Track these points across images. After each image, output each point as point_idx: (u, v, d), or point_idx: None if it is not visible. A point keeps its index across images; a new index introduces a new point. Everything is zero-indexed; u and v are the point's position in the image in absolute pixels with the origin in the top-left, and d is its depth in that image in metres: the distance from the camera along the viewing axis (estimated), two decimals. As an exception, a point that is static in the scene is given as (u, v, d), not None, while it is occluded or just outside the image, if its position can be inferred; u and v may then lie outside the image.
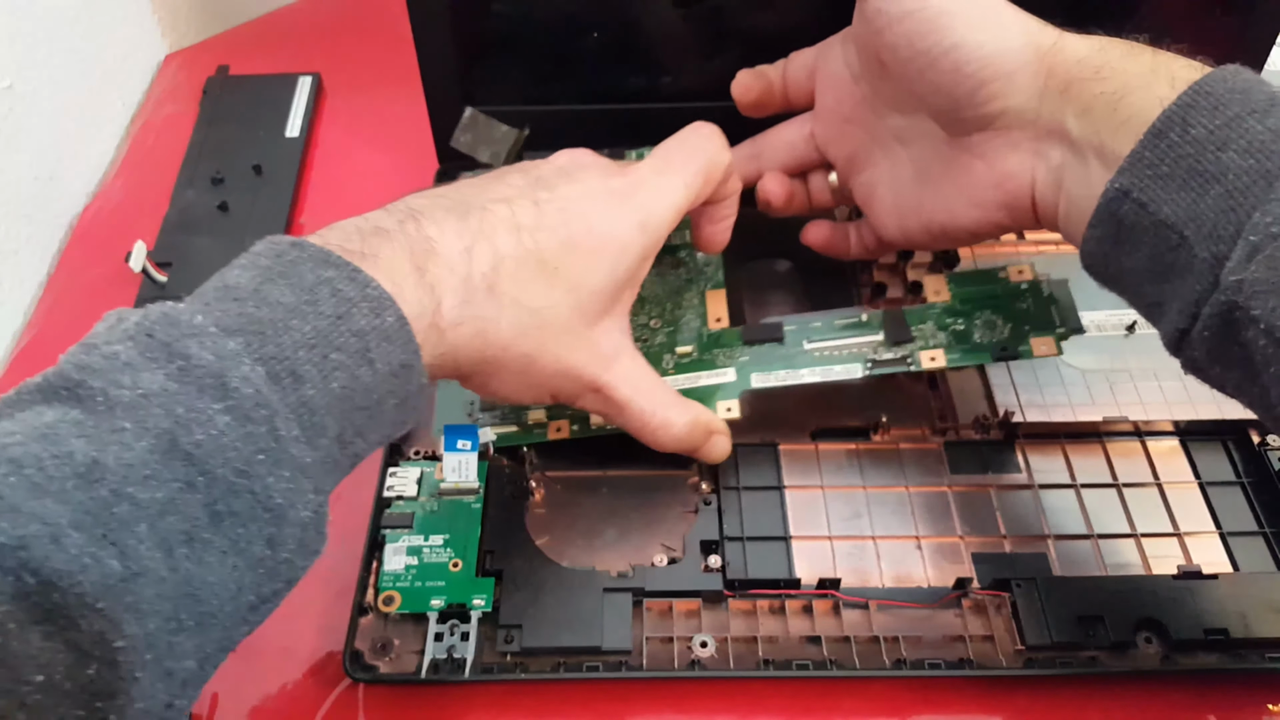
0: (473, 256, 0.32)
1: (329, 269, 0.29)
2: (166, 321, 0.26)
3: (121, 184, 0.59)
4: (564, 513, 0.41)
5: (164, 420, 0.25)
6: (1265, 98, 0.29)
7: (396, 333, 0.29)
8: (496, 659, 0.37)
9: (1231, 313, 0.28)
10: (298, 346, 0.27)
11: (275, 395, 0.26)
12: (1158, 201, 0.29)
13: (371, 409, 0.29)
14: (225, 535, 0.25)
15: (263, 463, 0.26)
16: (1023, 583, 0.38)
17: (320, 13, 0.70)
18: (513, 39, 0.50)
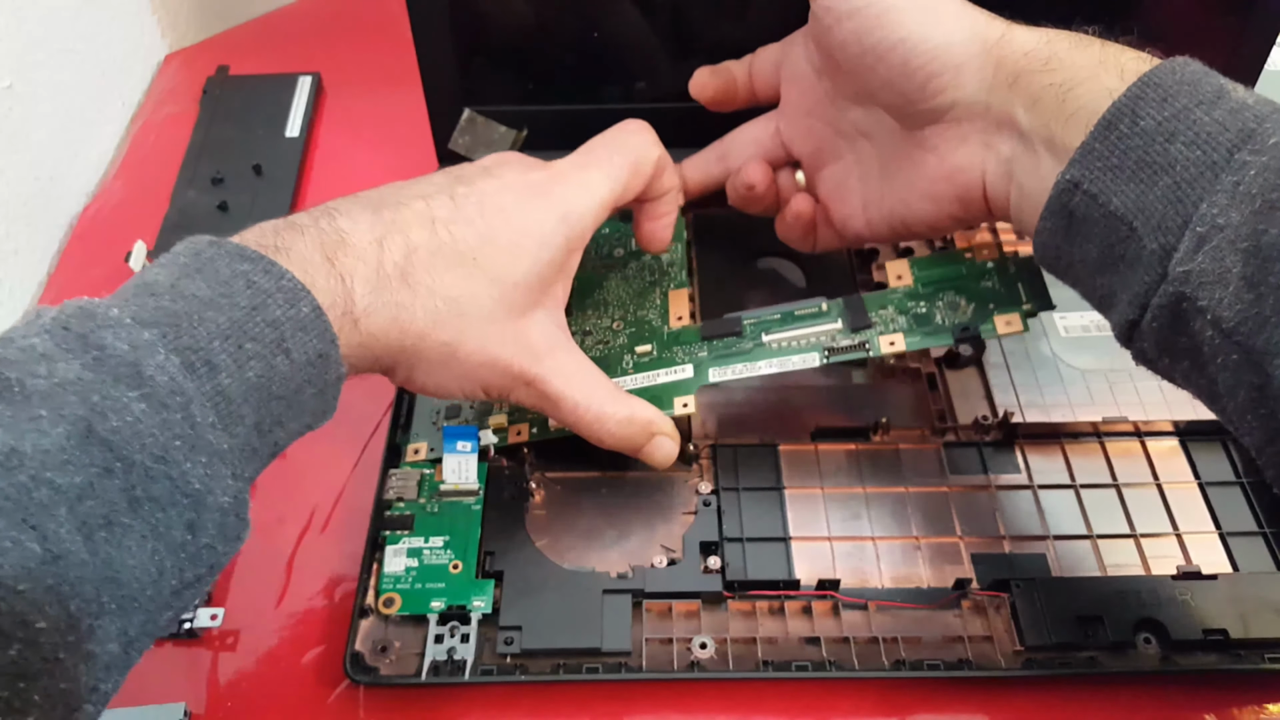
0: (384, 247, 0.33)
1: (244, 263, 0.29)
2: (82, 314, 0.27)
3: (121, 184, 0.59)
4: (564, 514, 0.41)
5: (80, 408, 0.25)
6: (1212, 89, 0.29)
7: (312, 322, 0.30)
8: (496, 660, 0.37)
9: (1179, 304, 0.28)
10: (212, 337, 0.28)
11: (190, 384, 0.27)
12: (1107, 193, 0.30)
13: (289, 398, 0.30)
14: (145, 520, 0.26)
15: (179, 449, 0.26)
16: (1022, 583, 0.38)
17: (320, 13, 0.70)
18: (512, 39, 0.50)
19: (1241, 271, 0.27)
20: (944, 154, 0.36)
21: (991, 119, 0.34)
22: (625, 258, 0.47)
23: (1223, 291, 0.27)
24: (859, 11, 0.35)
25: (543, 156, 0.52)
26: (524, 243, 0.35)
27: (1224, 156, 0.28)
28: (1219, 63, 0.30)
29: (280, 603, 0.41)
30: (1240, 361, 0.27)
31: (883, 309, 0.41)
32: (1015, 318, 0.39)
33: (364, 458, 0.45)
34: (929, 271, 0.42)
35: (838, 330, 0.40)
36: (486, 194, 0.35)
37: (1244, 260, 0.27)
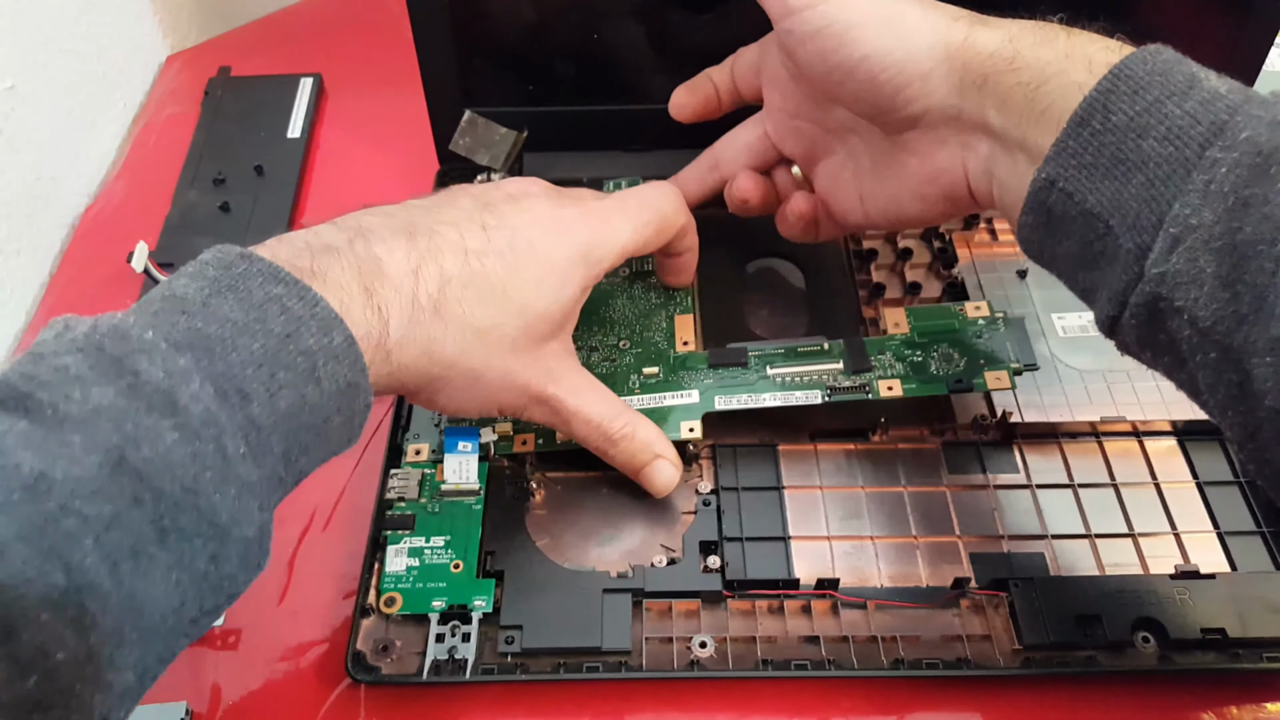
0: (419, 278, 0.33)
1: (278, 285, 0.29)
2: (116, 335, 0.26)
3: (123, 184, 0.59)
4: (564, 513, 0.42)
5: (113, 436, 0.25)
6: (1184, 79, 0.29)
7: (344, 352, 0.30)
8: (497, 659, 0.37)
9: (1156, 303, 0.28)
10: (245, 365, 0.27)
11: (223, 413, 0.27)
12: (1083, 191, 0.30)
13: (318, 427, 0.30)
14: (170, 551, 0.26)
15: (209, 480, 0.26)
16: (1020, 582, 0.38)
17: (321, 14, 0.70)
18: (513, 41, 0.50)
19: (1216, 271, 0.27)
20: (925, 157, 0.36)
21: (965, 121, 0.34)
22: (631, 278, 0.48)
23: (1198, 291, 0.27)
24: (819, 33, 0.35)
25: (543, 157, 0.52)
26: (549, 278, 0.36)
27: (1196, 152, 0.27)
28: (1218, 63, 0.30)
29: (282, 602, 0.41)
30: (1219, 360, 0.27)
31: (881, 354, 0.43)
32: (1004, 375, 0.41)
33: (365, 457, 0.45)
34: (925, 323, 0.44)
35: (839, 370, 0.42)
36: (517, 228, 0.36)
37: (1218, 260, 0.27)
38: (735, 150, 0.44)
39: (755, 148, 0.44)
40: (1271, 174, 0.26)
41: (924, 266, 0.50)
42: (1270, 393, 0.26)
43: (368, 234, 0.33)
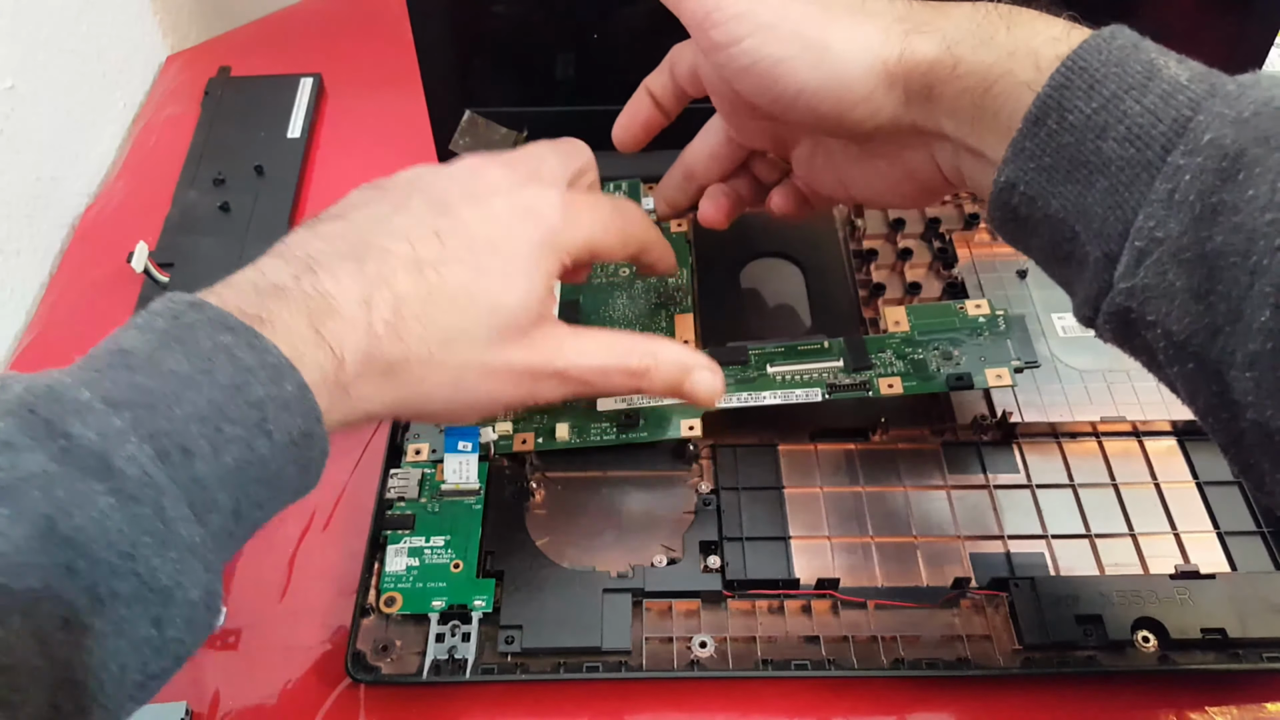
0: (372, 306, 0.31)
1: (226, 334, 0.28)
2: (50, 396, 0.25)
3: (123, 185, 0.59)
4: (564, 513, 0.42)
5: (42, 504, 0.24)
6: (1142, 69, 0.27)
7: (296, 401, 0.28)
8: (497, 659, 0.37)
9: (1128, 314, 0.27)
10: (189, 420, 0.26)
11: (163, 474, 0.25)
12: (1045, 195, 0.28)
13: (270, 480, 0.28)
14: (107, 618, 0.24)
15: (149, 545, 0.25)
16: (1020, 582, 0.38)
17: (321, 14, 0.70)
18: (512, 40, 0.50)
19: (1186, 284, 0.26)
20: (892, 159, 0.35)
21: (920, 130, 0.33)
22: (631, 277, 0.48)
23: (1169, 305, 0.26)
24: (749, 70, 0.34)
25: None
26: (516, 273, 0.34)
27: (1158, 155, 0.26)
28: (1218, 63, 0.29)
29: (282, 602, 0.41)
30: (1196, 370, 0.27)
31: (881, 352, 0.42)
32: (1004, 372, 0.41)
33: (365, 457, 0.45)
34: (925, 320, 0.43)
35: (839, 368, 0.42)
36: (473, 226, 0.34)
37: (1188, 272, 0.26)
38: (703, 159, 0.42)
39: (722, 152, 0.42)
40: (1239, 179, 0.25)
41: (924, 266, 0.50)
42: (1252, 405, 0.25)
43: (315, 265, 0.31)
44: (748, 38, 0.33)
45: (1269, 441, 0.25)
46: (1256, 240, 0.24)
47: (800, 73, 0.33)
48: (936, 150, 0.34)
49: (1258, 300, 0.24)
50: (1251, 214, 0.24)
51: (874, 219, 0.52)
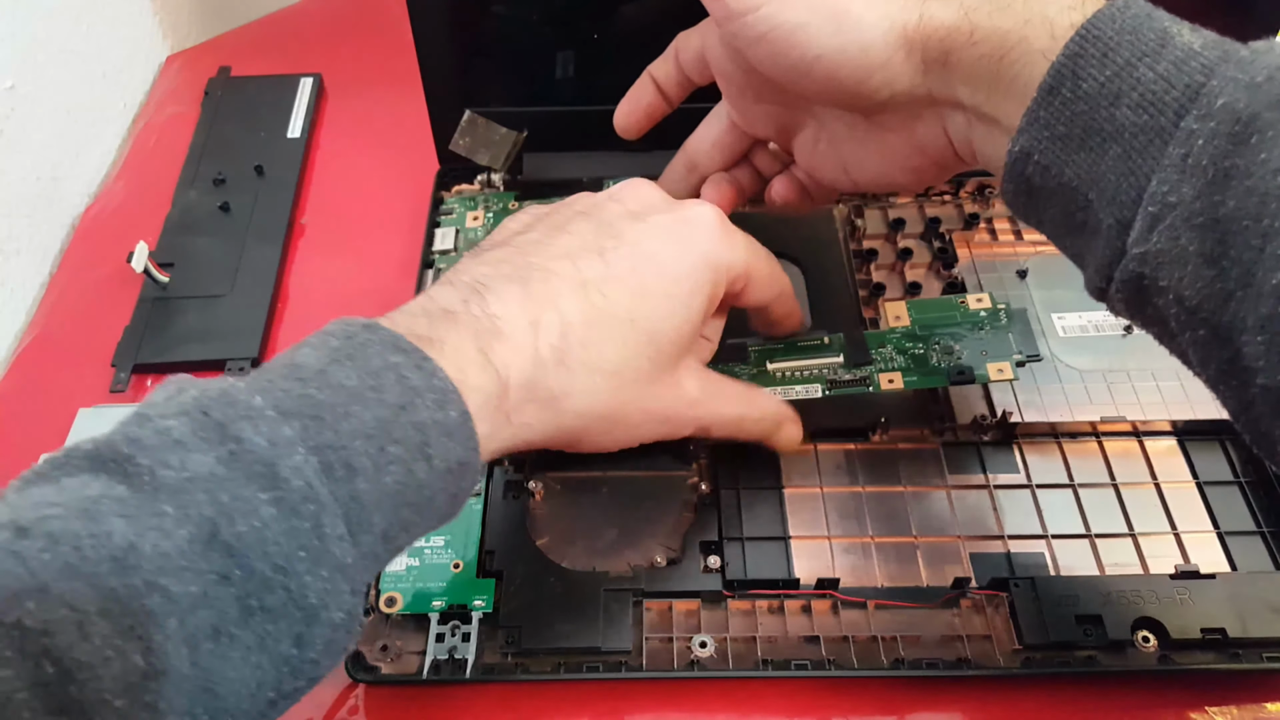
0: (539, 330, 0.31)
1: (397, 354, 0.28)
2: (224, 400, 0.26)
3: (123, 184, 0.59)
4: (564, 513, 0.42)
5: (207, 507, 0.24)
6: (1156, 36, 0.27)
7: (458, 428, 0.28)
8: (497, 659, 0.37)
9: (1140, 281, 0.27)
10: (355, 436, 0.26)
11: (325, 488, 0.25)
12: (1059, 164, 0.29)
13: (422, 505, 0.28)
14: (253, 631, 0.24)
15: (303, 560, 0.25)
16: (1020, 582, 0.38)
17: (321, 14, 0.70)
18: (512, 40, 0.50)
19: (1199, 249, 0.26)
20: (905, 133, 0.35)
21: (937, 98, 0.33)
22: None
23: (1182, 270, 0.26)
24: (765, 37, 0.33)
25: (543, 157, 0.52)
26: (675, 291, 0.34)
27: (1171, 120, 0.26)
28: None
29: (282, 602, 0.41)
30: (1208, 336, 0.27)
31: (882, 347, 0.42)
32: (1006, 366, 0.41)
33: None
34: (926, 315, 0.43)
35: (839, 364, 0.42)
36: (637, 244, 0.34)
37: (1201, 237, 0.26)
38: (706, 148, 0.42)
39: (725, 141, 0.42)
40: (1252, 143, 0.25)
41: (924, 266, 0.50)
42: (1263, 370, 0.25)
43: (482, 290, 0.32)
44: (765, 4, 0.33)
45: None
46: (1269, 204, 0.24)
47: (819, 38, 0.33)
48: (949, 121, 0.34)
49: (1270, 263, 0.24)
50: (1264, 178, 0.24)
51: (874, 219, 0.52)
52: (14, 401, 0.49)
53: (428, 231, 0.51)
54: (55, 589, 0.22)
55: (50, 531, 0.23)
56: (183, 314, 0.51)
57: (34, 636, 0.21)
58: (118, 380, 0.49)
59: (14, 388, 0.50)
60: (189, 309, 0.51)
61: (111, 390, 0.48)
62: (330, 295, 0.53)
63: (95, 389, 0.49)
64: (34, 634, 0.21)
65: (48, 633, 0.21)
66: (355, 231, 0.56)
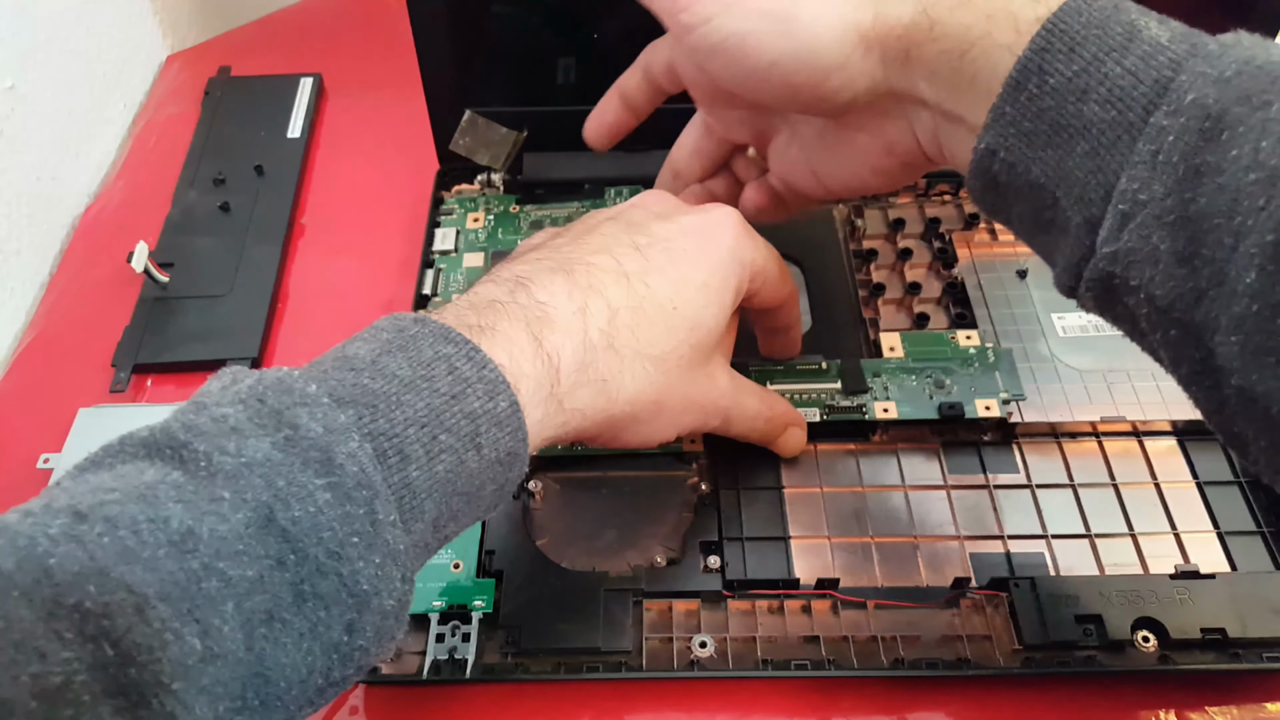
0: (587, 315, 0.32)
1: (448, 345, 0.28)
2: (280, 387, 0.26)
3: (123, 184, 0.59)
4: (564, 513, 0.42)
5: (264, 492, 0.24)
6: (1123, 30, 0.27)
7: (508, 419, 0.29)
8: (497, 659, 0.37)
9: (1110, 280, 0.27)
10: (408, 424, 0.27)
11: (379, 475, 0.26)
12: (1026, 161, 0.28)
13: (471, 495, 0.29)
14: (306, 617, 0.25)
15: (356, 545, 0.25)
16: (1020, 582, 0.38)
17: (321, 14, 0.70)
18: (512, 40, 0.50)
19: (1171, 247, 0.25)
20: (873, 133, 0.35)
21: (898, 96, 0.33)
22: None
23: (1153, 269, 0.26)
24: (720, 47, 0.33)
25: (543, 157, 0.53)
26: (712, 282, 0.35)
27: (1140, 116, 0.26)
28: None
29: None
30: (1180, 336, 0.26)
31: (877, 376, 0.44)
32: (993, 404, 0.43)
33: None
34: (919, 348, 0.45)
35: (836, 390, 0.43)
36: (670, 239, 0.35)
37: (1172, 235, 0.25)
38: (686, 157, 0.43)
39: (704, 148, 0.42)
40: (1222, 140, 0.24)
41: (924, 266, 0.50)
42: (1237, 371, 0.25)
43: (526, 282, 0.32)
44: (716, 16, 0.33)
45: (1253, 407, 0.25)
46: (1241, 200, 0.24)
47: (771, 44, 0.32)
48: (915, 119, 0.33)
49: (1243, 262, 0.24)
50: (1235, 174, 0.24)
51: (874, 219, 0.52)
52: (14, 401, 0.49)
53: (428, 231, 0.51)
54: (115, 573, 0.22)
55: (109, 516, 0.23)
56: (183, 314, 0.51)
57: (94, 619, 0.21)
58: (118, 380, 0.49)
59: (14, 388, 0.50)
60: (189, 309, 0.51)
61: (111, 390, 0.48)
62: (330, 295, 0.53)
63: (95, 389, 0.49)
64: (94, 616, 0.21)
65: (108, 615, 0.22)
66: (355, 231, 0.56)
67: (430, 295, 0.48)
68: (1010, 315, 0.47)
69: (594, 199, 0.52)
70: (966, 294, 0.48)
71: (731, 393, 0.38)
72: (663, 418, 0.35)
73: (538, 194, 0.53)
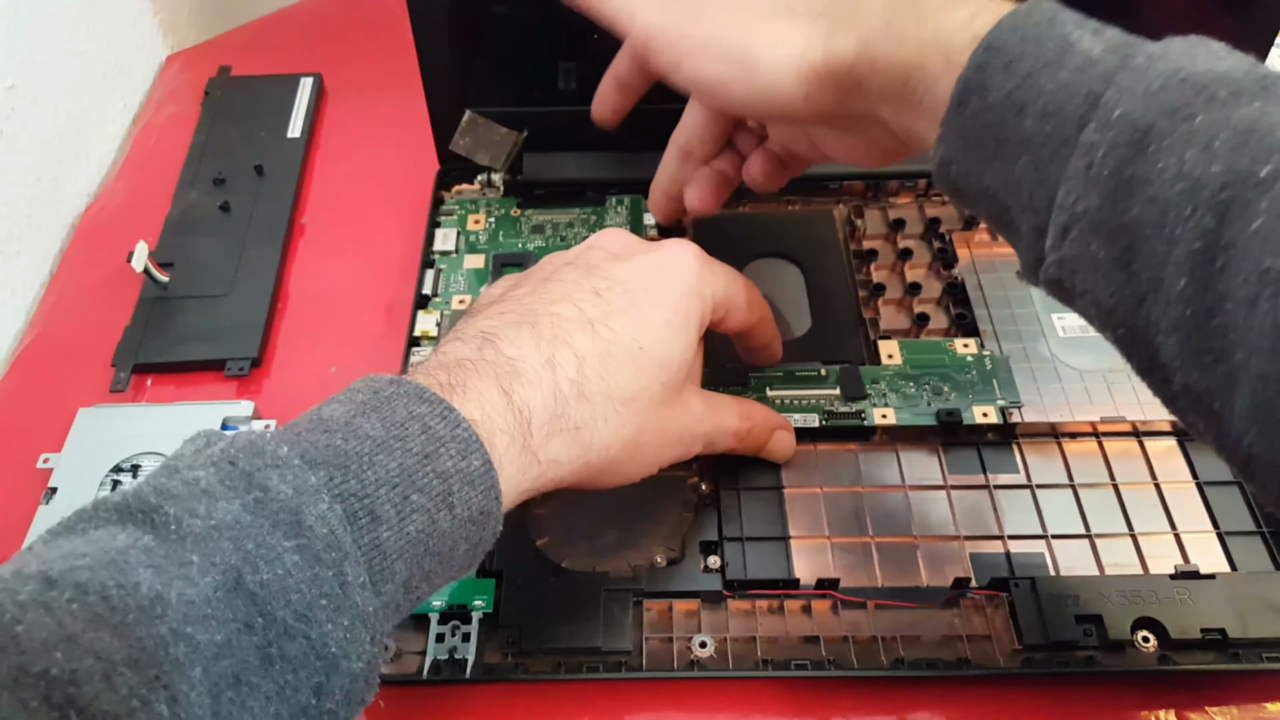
0: (555, 366, 0.32)
1: (422, 404, 0.29)
2: (251, 450, 0.26)
3: (123, 184, 0.59)
4: (564, 513, 0.42)
5: (232, 555, 0.24)
6: (1056, 45, 0.28)
7: (480, 477, 0.29)
8: (497, 659, 0.37)
9: (1060, 284, 0.28)
10: (379, 484, 0.27)
11: (349, 537, 0.26)
12: (978, 172, 0.29)
13: (444, 555, 0.29)
14: (273, 680, 0.25)
15: (324, 608, 0.25)
16: (1020, 582, 0.38)
17: (321, 14, 0.70)
18: (512, 40, 0.50)
19: (1109, 255, 0.26)
20: (856, 131, 0.36)
21: (864, 116, 0.34)
22: None
23: (1094, 276, 0.27)
24: (694, 87, 0.36)
25: (543, 157, 0.52)
26: (674, 319, 0.35)
27: (1073, 131, 0.27)
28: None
29: (282, 602, 0.41)
30: (1126, 336, 0.27)
31: (876, 383, 0.44)
32: (990, 411, 0.43)
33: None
34: (917, 355, 0.45)
35: (835, 396, 0.44)
36: (629, 281, 0.35)
37: (1109, 244, 0.26)
38: (692, 137, 0.43)
39: (714, 126, 0.42)
40: (1149, 152, 0.25)
41: (924, 266, 0.50)
42: (1180, 370, 0.26)
43: (492, 338, 0.32)
44: (684, 61, 0.35)
45: (1198, 403, 0.26)
46: (1169, 211, 0.25)
47: (738, 88, 0.34)
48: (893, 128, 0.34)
49: (1174, 268, 0.25)
50: (1163, 185, 0.25)
51: (874, 219, 0.52)
52: (14, 401, 0.49)
53: (428, 231, 0.51)
54: (83, 639, 0.22)
55: (79, 582, 0.23)
56: (183, 314, 0.51)
57: (60, 686, 0.21)
58: (117, 380, 0.49)
59: (14, 388, 0.50)
60: (189, 309, 0.51)
61: (111, 390, 0.48)
62: (330, 295, 0.53)
63: (95, 389, 0.49)
64: (60, 684, 0.21)
65: (74, 683, 0.21)
66: (355, 231, 0.56)
67: (430, 295, 0.48)
68: (1010, 315, 0.47)
69: (595, 205, 0.52)
70: (966, 294, 0.48)
71: (708, 417, 0.38)
72: (641, 455, 0.35)
73: (538, 195, 0.53)
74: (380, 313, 0.51)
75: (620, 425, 0.33)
